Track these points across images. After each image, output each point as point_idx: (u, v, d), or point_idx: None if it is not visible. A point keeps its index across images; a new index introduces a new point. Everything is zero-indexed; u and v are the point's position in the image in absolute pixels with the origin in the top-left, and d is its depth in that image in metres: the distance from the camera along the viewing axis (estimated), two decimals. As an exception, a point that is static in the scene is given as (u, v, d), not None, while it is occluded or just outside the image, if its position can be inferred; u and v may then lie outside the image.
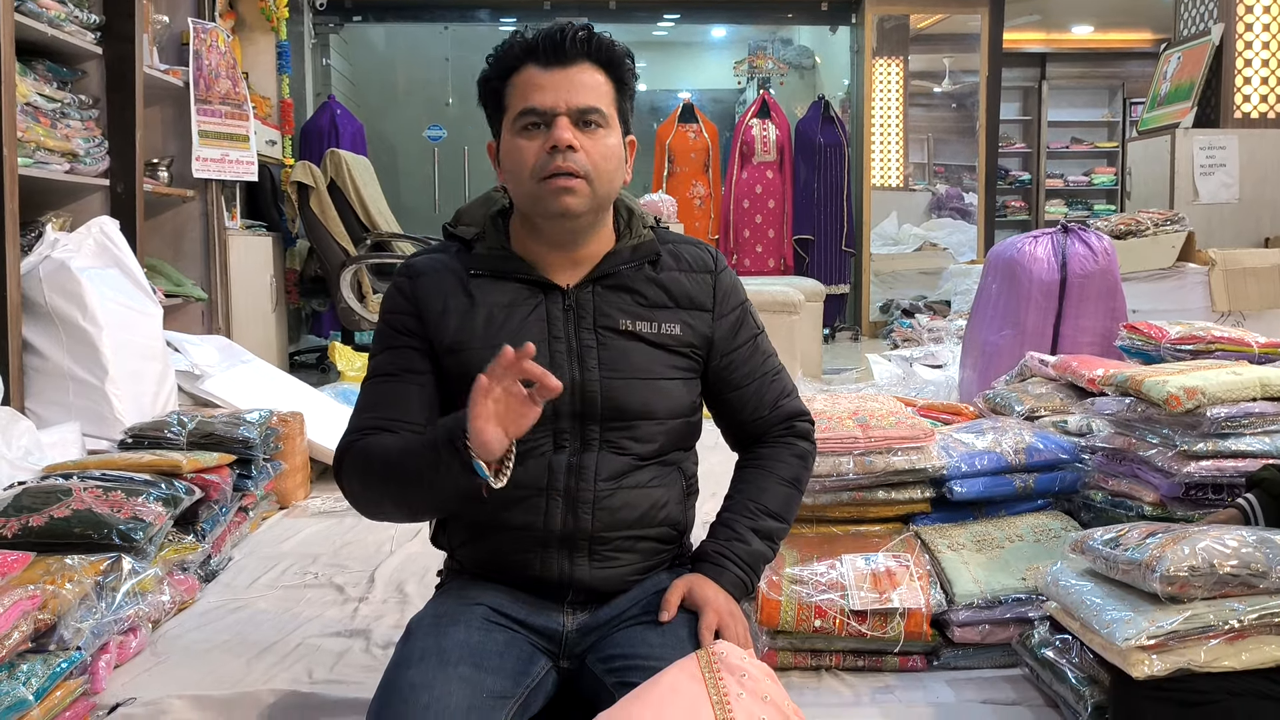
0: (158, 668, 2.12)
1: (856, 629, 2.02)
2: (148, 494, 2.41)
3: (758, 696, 1.47)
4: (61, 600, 1.91)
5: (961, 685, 2.01)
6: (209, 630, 2.34)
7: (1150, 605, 1.64)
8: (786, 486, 1.76)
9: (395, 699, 1.55)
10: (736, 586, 1.65)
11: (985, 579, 2.09)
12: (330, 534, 3.11)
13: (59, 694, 1.81)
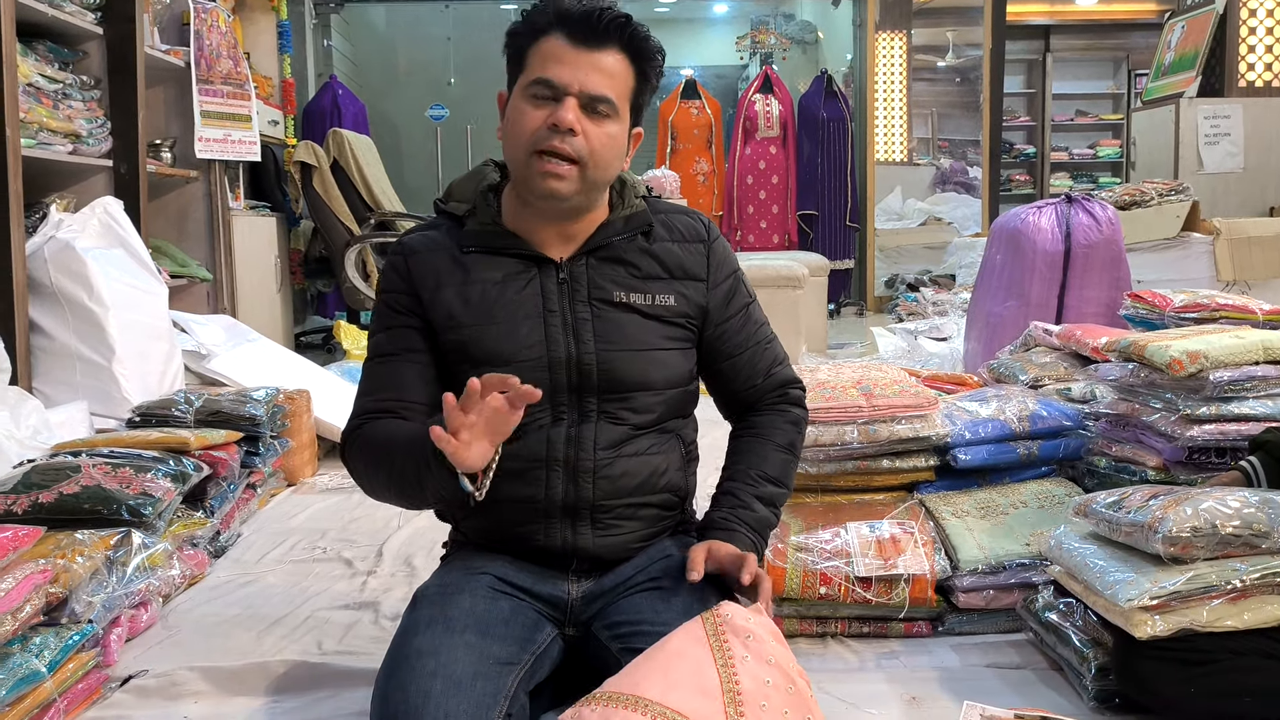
0: (169, 641, 2.14)
1: (862, 595, 2.03)
2: (156, 470, 2.42)
3: (762, 659, 1.48)
4: (72, 574, 1.93)
5: (966, 650, 2.02)
6: (219, 604, 2.36)
7: (1153, 566, 1.66)
8: (783, 453, 1.78)
9: (403, 666, 1.57)
10: (749, 549, 1.65)
11: (989, 545, 2.10)
12: (338, 510, 3.13)
13: (71, 666, 1.83)
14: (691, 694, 1.42)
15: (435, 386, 1.72)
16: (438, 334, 1.71)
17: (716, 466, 2.67)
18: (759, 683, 1.45)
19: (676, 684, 1.43)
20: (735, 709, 1.42)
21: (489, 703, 1.54)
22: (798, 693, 1.48)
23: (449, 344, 1.71)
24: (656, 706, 1.39)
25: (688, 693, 1.42)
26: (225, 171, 4.96)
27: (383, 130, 8.05)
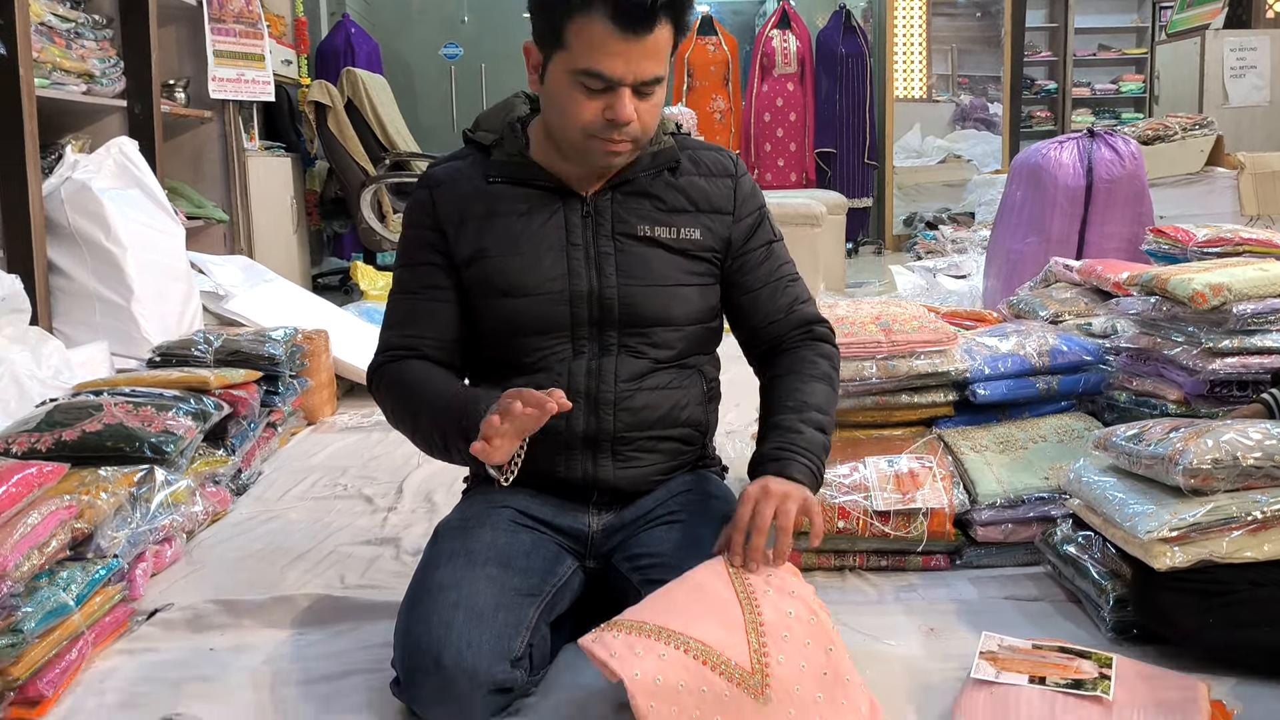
0: (193, 575, 2.17)
1: (880, 529, 2.04)
2: (177, 409, 2.43)
3: (784, 592, 1.49)
4: (97, 510, 1.95)
5: (984, 583, 2.02)
6: (242, 540, 2.38)
7: (1173, 498, 1.65)
8: (820, 382, 1.72)
9: (425, 599, 1.59)
10: (806, 474, 1.59)
11: (1008, 479, 2.10)
12: (358, 448, 3.15)
13: (98, 600, 1.85)
14: (714, 626, 1.43)
15: (458, 322, 1.74)
16: (461, 268, 1.71)
17: (736, 403, 2.68)
18: (781, 614, 1.46)
19: (699, 616, 1.44)
20: (758, 639, 1.43)
21: (510, 633, 1.55)
22: (819, 624, 1.49)
23: (472, 277, 1.71)
24: (680, 636, 1.40)
25: (711, 625, 1.43)
26: (239, 112, 4.94)
27: (396, 69, 7.98)
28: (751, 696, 1.41)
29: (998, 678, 1.52)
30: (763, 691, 1.41)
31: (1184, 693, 1.47)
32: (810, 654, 1.46)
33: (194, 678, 1.73)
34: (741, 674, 1.41)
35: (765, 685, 1.41)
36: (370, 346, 1.81)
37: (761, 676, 1.42)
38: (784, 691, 1.43)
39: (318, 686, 1.68)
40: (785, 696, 1.43)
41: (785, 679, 1.43)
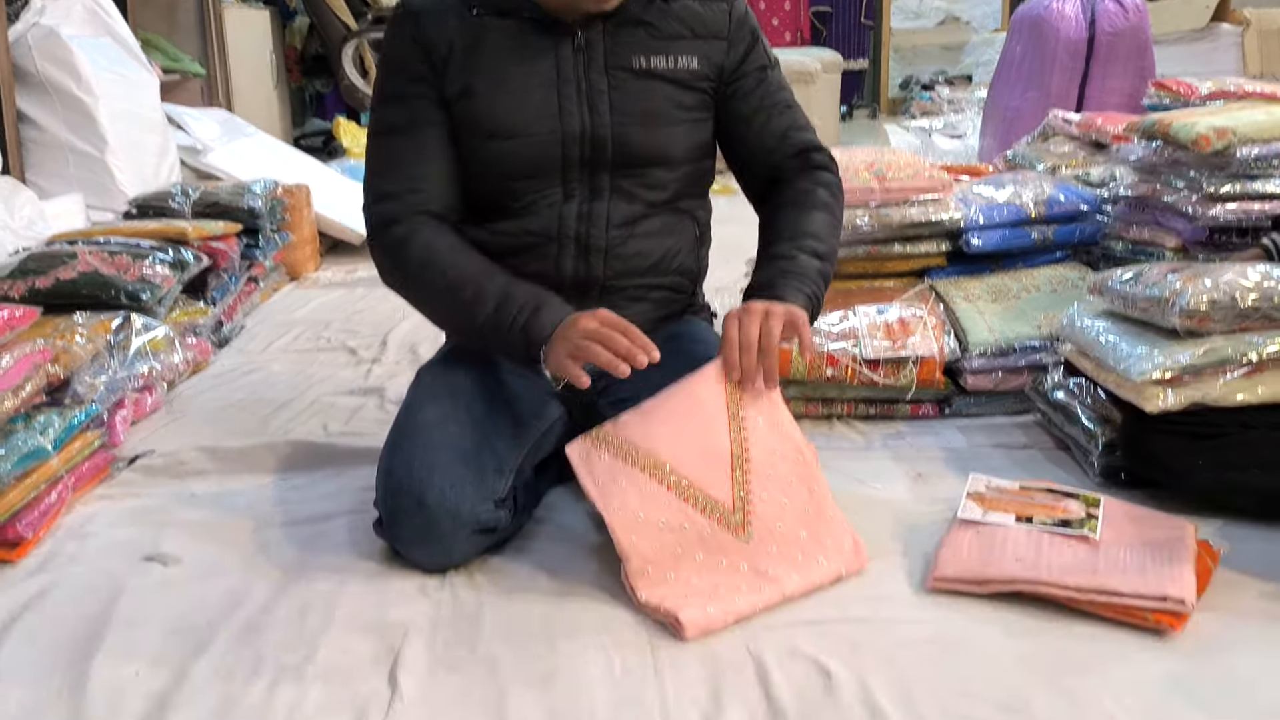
0: (174, 424, 2.15)
1: (869, 377, 2.01)
2: (154, 257, 2.38)
3: (774, 425, 1.46)
4: (72, 355, 1.91)
5: (973, 431, 2.01)
6: (224, 390, 2.35)
7: (1167, 341, 1.62)
8: (818, 210, 1.63)
9: (408, 439, 1.56)
10: (799, 296, 1.50)
11: (1000, 327, 2.07)
12: (341, 303, 3.11)
13: (77, 445, 1.83)
14: (700, 458, 1.40)
15: (457, 163, 1.63)
16: (448, 104, 1.62)
17: (725, 259, 2.63)
18: (768, 450, 1.44)
19: (688, 441, 1.41)
20: (743, 475, 1.41)
21: (494, 474, 1.53)
22: (805, 462, 1.47)
23: (457, 116, 1.62)
24: (665, 468, 1.37)
25: (697, 456, 1.40)
26: (214, -40, 4.74)
27: (378, -79, 7.67)
28: (732, 534, 1.40)
29: (984, 517, 1.51)
30: (744, 529, 1.41)
31: (1171, 532, 1.46)
32: (794, 492, 1.45)
33: (176, 521, 1.71)
34: (723, 511, 1.40)
35: (747, 523, 1.41)
36: (354, 204, 1.72)
37: (743, 514, 1.41)
38: (765, 529, 1.42)
39: (301, 529, 1.67)
40: (767, 534, 1.42)
41: (767, 516, 1.42)
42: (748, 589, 1.39)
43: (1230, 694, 1.20)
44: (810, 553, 1.43)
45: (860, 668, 1.26)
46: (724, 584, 1.39)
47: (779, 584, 1.40)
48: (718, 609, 1.35)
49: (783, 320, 1.44)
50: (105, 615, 1.42)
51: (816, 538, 1.44)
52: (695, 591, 1.37)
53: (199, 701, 1.23)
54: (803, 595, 1.42)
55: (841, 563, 1.45)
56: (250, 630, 1.38)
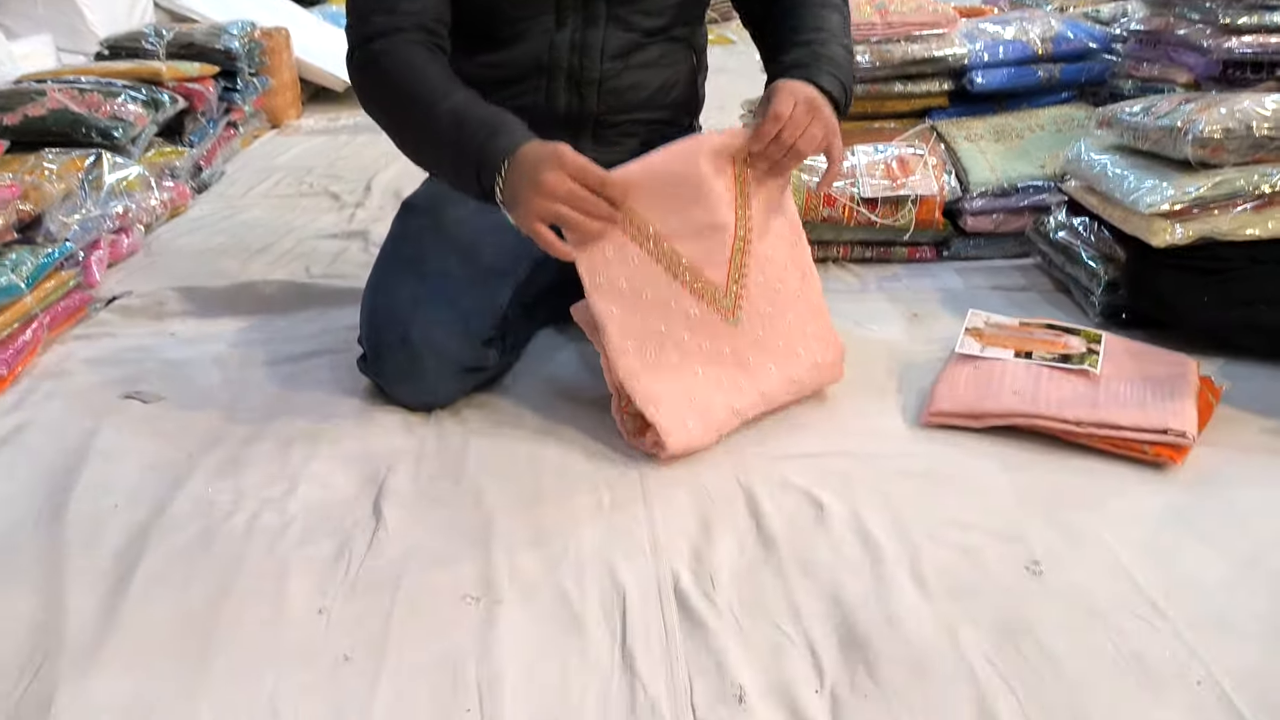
0: (152, 266, 2.09)
1: (866, 217, 1.95)
2: (126, 95, 2.29)
3: (774, 207, 1.38)
4: (43, 193, 1.85)
5: (971, 273, 1.96)
6: (203, 234, 2.29)
7: (1178, 173, 1.56)
8: (832, 11, 1.49)
9: (392, 274, 1.51)
10: (835, 85, 1.38)
11: (1002, 167, 2.01)
12: (324, 149, 3.02)
13: (51, 284, 1.77)
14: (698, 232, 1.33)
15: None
16: None
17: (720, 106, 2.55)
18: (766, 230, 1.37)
19: (686, 214, 1.32)
20: (741, 256, 1.35)
21: (482, 312, 1.49)
22: (800, 248, 1.42)
23: None
24: (657, 242, 1.30)
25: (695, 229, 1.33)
26: None
27: None
28: (721, 316, 1.35)
29: (982, 353, 1.48)
30: (734, 313, 1.36)
31: (1173, 368, 1.43)
32: (786, 276, 1.40)
33: (155, 361, 1.67)
34: (715, 293, 1.34)
35: (737, 306, 1.36)
36: (336, 50, 1.62)
37: (735, 298, 1.35)
38: (754, 312, 1.37)
39: (283, 367, 1.63)
40: (754, 318, 1.37)
41: (758, 301, 1.37)
42: (729, 384, 1.35)
43: (1230, 526, 1.17)
44: (791, 342, 1.40)
45: (852, 499, 1.23)
46: (704, 375, 1.35)
47: (757, 380, 1.37)
48: (698, 423, 1.32)
49: (823, 131, 1.34)
50: (83, 450, 1.39)
51: (801, 326, 1.40)
52: (673, 395, 1.32)
53: (179, 532, 1.20)
54: (782, 394, 1.40)
55: (820, 354, 1.42)
56: (231, 464, 1.35)
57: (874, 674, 0.96)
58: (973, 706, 0.92)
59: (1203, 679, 0.94)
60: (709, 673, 0.97)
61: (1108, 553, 1.13)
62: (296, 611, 1.06)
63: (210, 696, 0.95)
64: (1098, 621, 1.02)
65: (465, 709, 0.93)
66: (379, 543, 1.17)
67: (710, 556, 1.14)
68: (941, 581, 1.08)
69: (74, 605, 1.08)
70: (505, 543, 1.17)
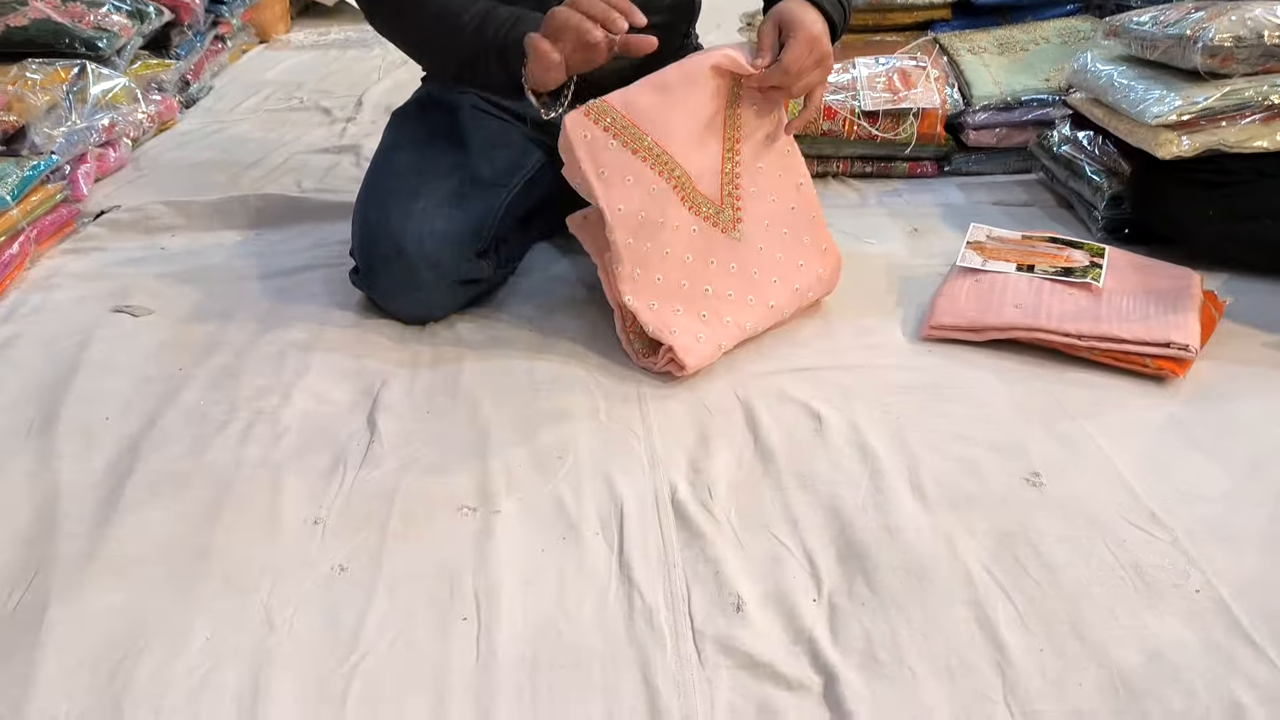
0: (141, 180, 2.06)
1: (867, 130, 1.92)
2: (110, 5, 2.24)
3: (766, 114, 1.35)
4: (28, 105, 1.81)
5: (972, 189, 1.94)
6: (192, 149, 2.25)
7: (1186, 83, 1.53)
8: None
9: (384, 184, 1.48)
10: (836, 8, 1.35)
11: (1005, 80, 1.97)
12: (315, 64, 2.96)
13: (36, 198, 1.74)
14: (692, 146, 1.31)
15: None
16: None
17: (717, 24, 2.51)
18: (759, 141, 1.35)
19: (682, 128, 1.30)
20: (733, 166, 1.33)
21: (476, 223, 1.46)
22: (792, 155, 1.40)
23: None
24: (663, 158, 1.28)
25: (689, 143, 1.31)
26: None
27: None
28: (722, 232, 1.33)
29: (984, 266, 1.46)
30: (734, 226, 1.34)
31: (1177, 281, 1.41)
32: (780, 187, 1.38)
33: (146, 275, 1.65)
34: (712, 208, 1.33)
35: (736, 220, 1.34)
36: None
37: (732, 211, 1.34)
38: (753, 226, 1.36)
39: (276, 281, 1.61)
40: (756, 232, 1.36)
41: (756, 214, 1.36)
42: (737, 300, 1.34)
43: (1230, 437, 1.17)
44: (791, 254, 1.38)
45: (851, 412, 1.22)
46: (713, 292, 1.33)
47: (763, 294, 1.36)
48: (708, 336, 1.31)
49: (820, 78, 1.33)
50: (74, 363, 1.37)
51: (798, 237, 1.39)
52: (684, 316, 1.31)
53: (171, 444, 1.19)
54: (788, 307, 1.38)
55: (820, 264, 1.41)
56: (224, 376, 1.33)
57: (872, 583, 0.96)
58: (970, 613, 0.92)
59: (1201, 587, 0.94)
60: (706, 581, 0.97)
61: (1107, 464, 1.12)
62: (291, 522, 1.06)
63: (204, 606, 0.95)
64: (1096, 531, 1.02)
65: (462, 617, 0.93)
66: (374, 455, 1.16)
67: (708, 468, 1.13)
68: (940, 492, 1.08)
69: (67, 517, 1.07)
70: (502, 454, 1.16)
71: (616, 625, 0.92)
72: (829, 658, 0.88)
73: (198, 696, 0.85)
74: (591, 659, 0.88)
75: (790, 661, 0.88)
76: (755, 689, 0.85)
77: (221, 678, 0.87)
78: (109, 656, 0.89)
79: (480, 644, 0.90)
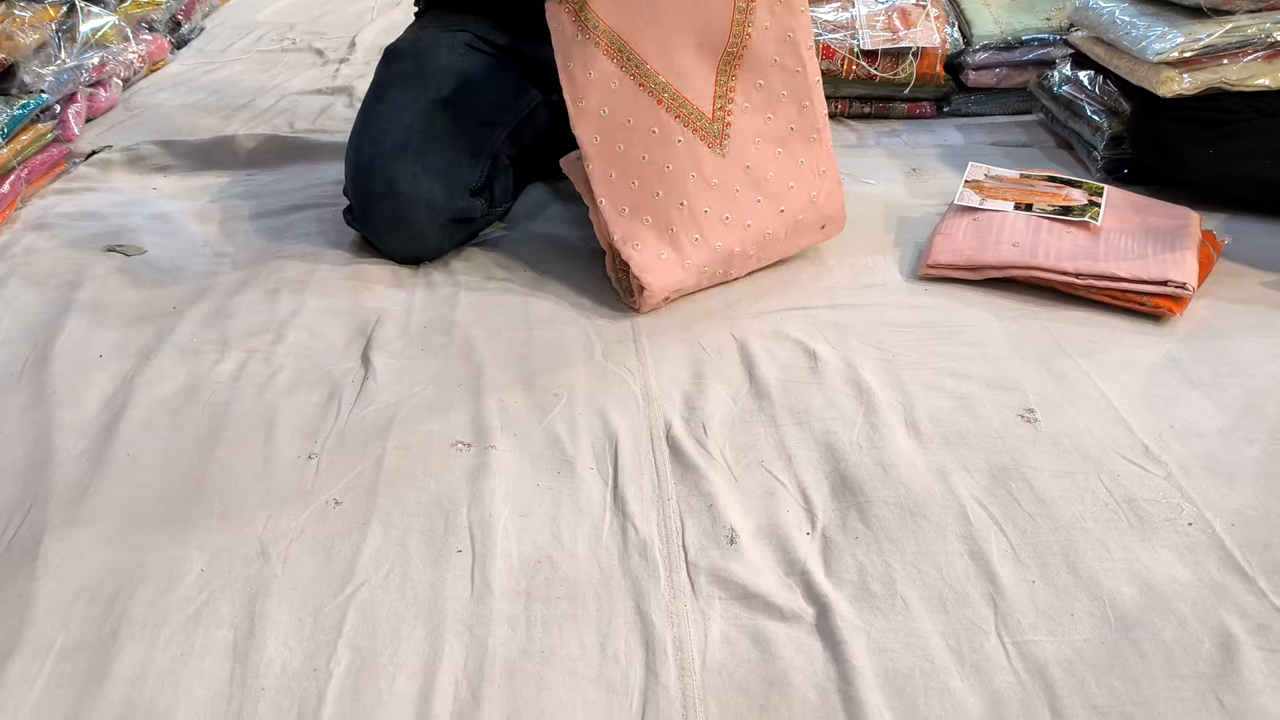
0: (131, 121, 2.04)
1: (866, 70, 1.90)
2: (99, -58, 2.20)
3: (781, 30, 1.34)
4: (16, 43, 1.78)
5: (971, 129, 1.92)
6: (183, 90, 2.23)
7: (1188, 20, 1.51)
8: None
9: (376, 120, 1.47)
10: None
11: (1006, 19, 1.95)
12: (306, 5, 2.93)
13: (27, 137, 1.73)
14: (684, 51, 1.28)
15: None
16: None
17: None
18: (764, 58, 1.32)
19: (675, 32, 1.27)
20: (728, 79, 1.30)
21: (470, 159, 1.45)
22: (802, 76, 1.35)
23: None
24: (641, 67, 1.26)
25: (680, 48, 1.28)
26: None
27: None
28: (708, 146, 1.31)
29: (982, 205, 1.45)
30: (720, 142, 1.31)
31: (1175, 220, 1.40)
32: (781, 107, 1.35)
33: (138, 214, 1.64)
34: (701, 121, 1.30)
35: (725, 135, 1.31)
36: None
37: (722, 125, 1.31)
38: (742, 143, 1.32)
39: (268, 220, 1.60)
40: (743, 150, 1.32)
41: (746, 130, 1.32)
42: (712, 214, 1.31)
43: (1226, 374, 1.17)
44: (784, 175, 1.34)
45: (846, 349, 1.22)
46: (688, 207, 1.29)
47: (742, 213, 1.32)
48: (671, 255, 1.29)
49: None
50: (66, 302, 1.36)
51: (793, 157, 1.35)
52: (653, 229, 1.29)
53: (165, 381, 1.19)
54: (776, 229, 1.35)
55: (814, 187, 1.37)
56: (217, 315, 1.33)
57: (865, 517, 0.96)
58: (963, 546, 0.92)
59: (1194, 520, 0.95)
60: (700, 514, 0.97)
61: (1102, 400, 1.12)
62: (286, 457, 1.06)
63: (199, 538, 0.95)
64: (1090, 466, 1.02)
65: (456, 550, 0.93)
66: (368, 391, 1.16)
67: (703, 405, 1.13)
68: (935, 429, 1.08)
69: (61, 451, 1.07)
70: (496, 392, 1.16)
71: (611, 558, 0.92)
72: (822, 589, 0.88)
73: (194, 626, 0.85)
74: (586, 590, 0.89)
75: (783, 593, 0.88)
76: (748, 620, 0.86)
77: (217, 609, 0.87)
78: (105, 588, 0.89)
79: (475, 576, 0.90)
